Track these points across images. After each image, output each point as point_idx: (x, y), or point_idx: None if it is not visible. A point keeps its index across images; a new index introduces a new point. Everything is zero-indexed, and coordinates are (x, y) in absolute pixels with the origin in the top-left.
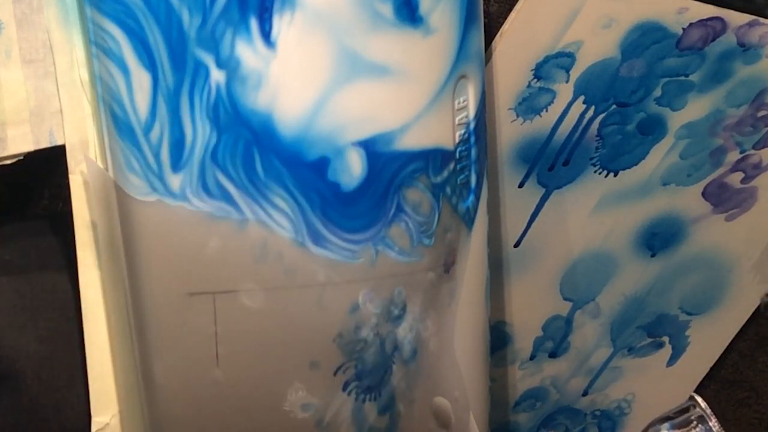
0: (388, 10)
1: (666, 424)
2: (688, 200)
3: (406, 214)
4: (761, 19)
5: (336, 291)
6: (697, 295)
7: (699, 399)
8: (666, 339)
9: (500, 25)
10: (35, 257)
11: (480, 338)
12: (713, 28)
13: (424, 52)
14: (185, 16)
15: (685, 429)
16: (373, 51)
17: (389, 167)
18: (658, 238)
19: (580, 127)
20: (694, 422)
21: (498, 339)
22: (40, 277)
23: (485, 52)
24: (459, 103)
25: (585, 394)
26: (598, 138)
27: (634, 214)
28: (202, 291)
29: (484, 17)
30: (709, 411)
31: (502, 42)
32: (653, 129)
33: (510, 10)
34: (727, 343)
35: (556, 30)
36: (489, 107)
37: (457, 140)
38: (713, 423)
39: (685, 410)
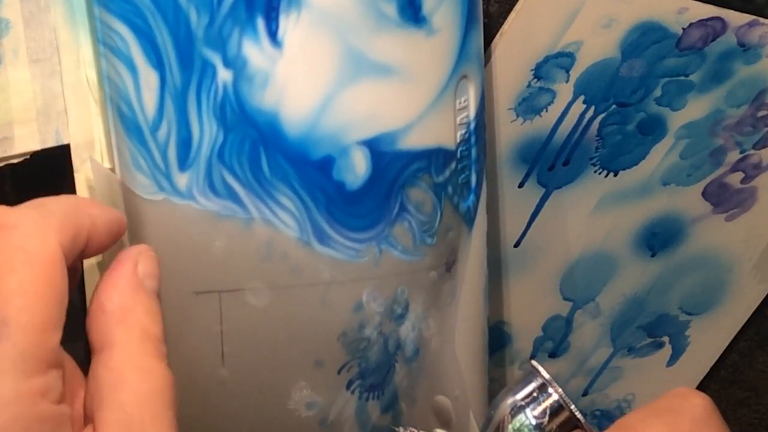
0: (392, 9)
1: (511, 399)
2: (688, 200)
3: (409, 213)
4: (761, 19)
5: (340, 290)
6: (697, 295)
7: (538, 366)
8: (666, 339)
9: (500, 25)
10: None
11: (479, 336)
12: (713, 28)
13: (427, 52)
14: (193, 16)
15: (530, 399)
16: (377, 51)
17: (393, 166)
18: (658, 238)
19: (580, 127)
20: (536, 391)
21: (498, 339)
22: None
23: (485, 52)
24: (460, 103)
25: (585, 394)
26: (598, 138)
27: (634, 214)
28: (208, 290)
29: (484, 17)
30: (549, 377)
31: (502, 42)
32: (653, 129)
33: (510, 10)
34: (727, 343)
35: (556, 30)
36: (489, 107)
37: (458, 140)
38: (555, 387)
39: (527, 381)
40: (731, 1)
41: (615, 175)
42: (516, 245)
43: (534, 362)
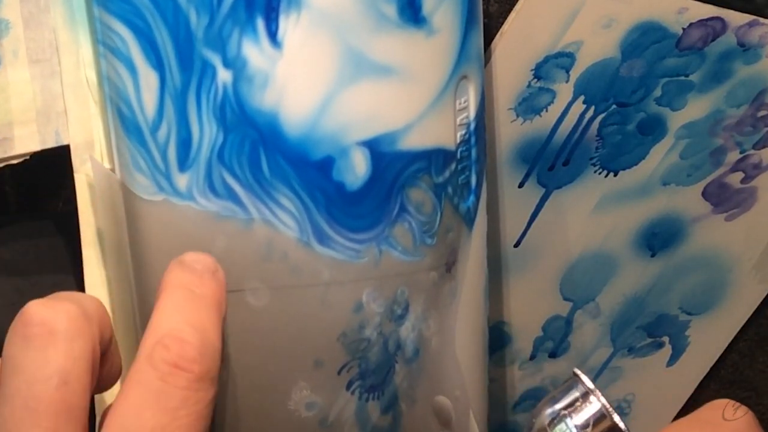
0: (392, 10)
1: (551, 408)
2: (688, 200)
3: (409, 214)
4: (761, 19)
5: (340, 290)
6: (697, 295)
7: (581, 374)
8: (666, 339)
9: (500, 25)
10: (38, 256)
11: (479, 337)
12: (713, 28)
13: (427, 53)
14: (192, 16)
15: (571, 408)
16: (377, 51)
17: (393, 167)
18: (658, 238)
19: (580, 127)
20: (580, 400)
21: (498, 339)
22: (44, 276)
23: (485, 52)
24: (460, 104)
25: None
26: (598, 138)
27: (634, 214)
28: None
29: (484, 17)
30: (592, 386)
31: (502, 42)
32: (653, 129)
33: (510, 10)
34: (727, 343)
35: (556, 30)
36: (489, 107)
37: (458, 140)
38: (598, 395)
39: (568, 389)
40: (731, 1)
41: (615, 175)
42: (516, 245)
43: (576, 370)
